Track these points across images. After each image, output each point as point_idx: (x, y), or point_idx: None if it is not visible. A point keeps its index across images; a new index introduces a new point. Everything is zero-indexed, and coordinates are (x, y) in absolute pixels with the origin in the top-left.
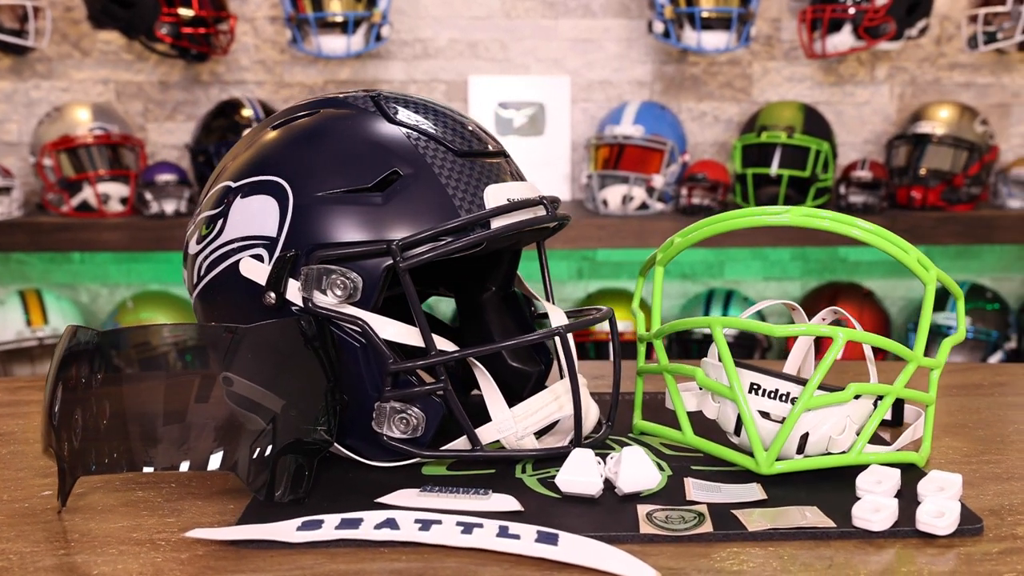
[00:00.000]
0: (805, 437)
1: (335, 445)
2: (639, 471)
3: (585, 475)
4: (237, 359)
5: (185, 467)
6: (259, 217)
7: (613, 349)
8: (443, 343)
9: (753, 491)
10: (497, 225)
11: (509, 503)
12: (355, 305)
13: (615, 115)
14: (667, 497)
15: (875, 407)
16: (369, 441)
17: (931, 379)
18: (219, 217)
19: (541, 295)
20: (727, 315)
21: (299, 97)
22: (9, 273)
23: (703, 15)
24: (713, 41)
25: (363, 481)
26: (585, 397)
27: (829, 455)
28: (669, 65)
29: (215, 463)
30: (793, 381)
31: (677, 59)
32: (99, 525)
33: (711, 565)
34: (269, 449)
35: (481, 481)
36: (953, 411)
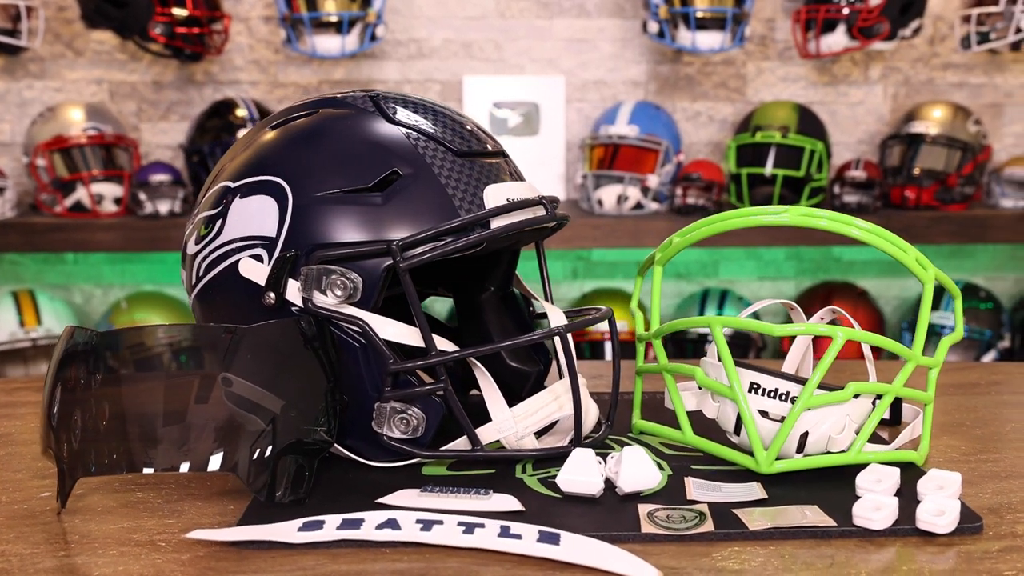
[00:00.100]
0: (805, 436)
1: (335, 445)
2: (640, 470)
3: (586, 475)
4: (237, 360)
5: (185, 468)
6: (258, 217)
7: (613, 349)
8: (443, 343)
9: (753, 490)
10: (497, 225)
11: (510, 503)
12: (355, 305)
13: (610, 115)
14: (667, 496)
15: (874, 406)
16: (369, 441)
17: (930, 378)
18: (218, 217)
19: (540, 295)
20: (722, 315)
21: (293, 97)
22: (2, 274)
23: (698, 15)
24: (708, 41)
25: (363, 481)
26: (585, 397)
27: (829, 454)
28: (663, 65)
29: (215, 464)
30: (792, 380)
31: (671, 59)
32: (99, 526)
33: (713, 564)
34: (269, 450)
35: (481, 481)
36: (950, 410)
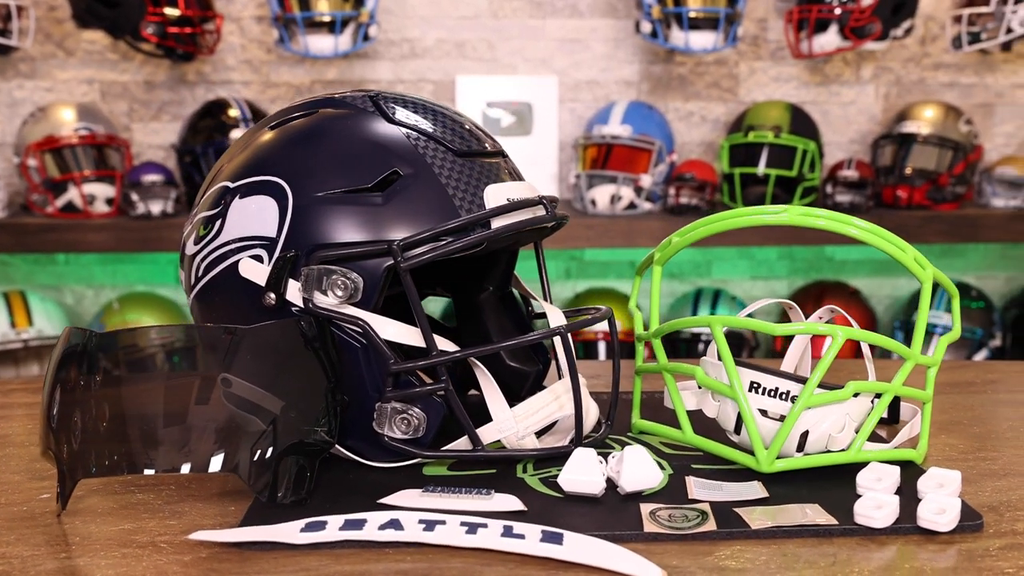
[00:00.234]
0: (805, 435)
1: (335, 446)
2: (641, 470)
3: (588, 474)
4: (237, 360)
5: (186, 469)
6: (258, 217)
7: (613, 348)
8: (444, 343)
9: (754, 489)
10: (497, 225)
11: (512, 503)
12: (356, 305)
13: (603, 115)
14: (669, 496)
15: (873, 405)
16: (370, 442)
17: (928, 377)
18: (217, 218)
19: (538, 294)
20: (715, 314)
21: (286, 97)
22: None
23: (691, 15)
24: (701, 41)
25: (364, 482)
26: (585, 397)
27: (829, 453)
28: (656, 65)
29: (216, 465)
30: (793, 379)
31: (664, 59)
32: (100, 528)
33: (716, 563)
34: (270, 451)
35: (482, 481)
36: (947, 409)
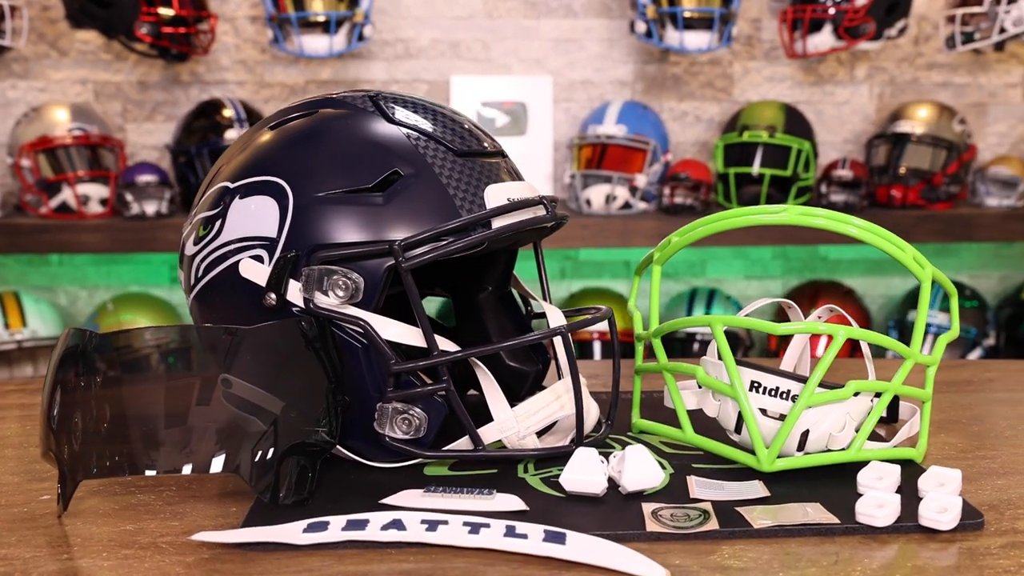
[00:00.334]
0: (805, 434)
1: (336, 447)
2: (643, 469)
3: (589, 474)
4: (237, 361)
5: (188, 470)
6: (258, 218)
7: (613, 348)
8: (444, 343)
9: (755, 488)
10: (498, 225)
11: (514, 503)
12: (357, 306)
13: (597, 115)
14: (670, 495)
15: (872, 404)
16: (371, 442)
17: (927, 376)
18: (217, 218)
19: (537, 294)
20: (710, 314)
21: (280, 97)
22: None
23: (685, 15)
24: (695, 41)
25: (365, 482)
26: (586, 396)
27: (829, 452)
28: (650, 65)
29: (217, 466)
30: (793, 379)
31: (658, 59)
32: (101, 529)
33: (718, 562)
34: (271, 451)
35: (484, 481)
36: (945, 408)
